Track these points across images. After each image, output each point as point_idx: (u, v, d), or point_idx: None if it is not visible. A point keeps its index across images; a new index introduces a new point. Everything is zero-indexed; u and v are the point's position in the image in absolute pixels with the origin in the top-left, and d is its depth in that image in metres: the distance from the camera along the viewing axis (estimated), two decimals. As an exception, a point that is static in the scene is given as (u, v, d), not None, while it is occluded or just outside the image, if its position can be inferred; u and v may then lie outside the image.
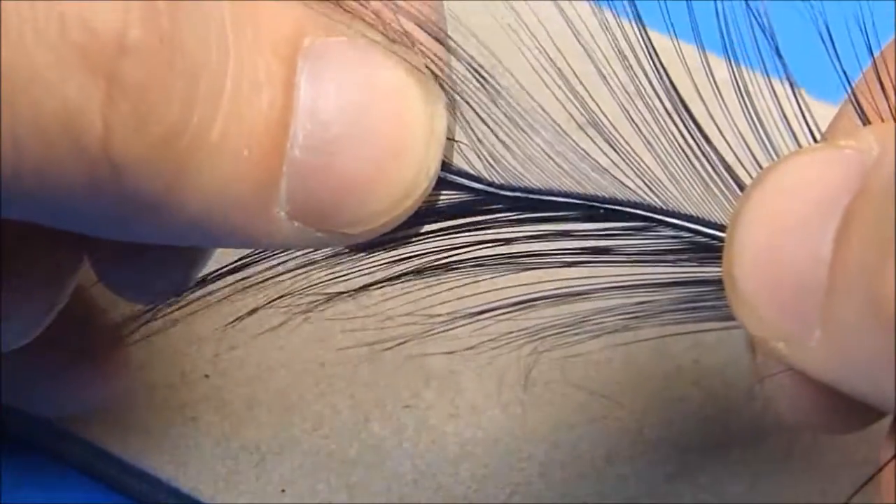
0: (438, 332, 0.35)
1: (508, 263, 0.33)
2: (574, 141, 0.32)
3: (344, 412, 0.41)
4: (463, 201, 0.32)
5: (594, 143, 0.32)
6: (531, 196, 0.32)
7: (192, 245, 0.32)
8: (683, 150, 0.32)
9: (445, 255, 0.33)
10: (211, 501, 0.40)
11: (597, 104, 0.32)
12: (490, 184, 0.32)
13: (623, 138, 0.32)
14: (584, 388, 0.41)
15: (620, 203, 0.32)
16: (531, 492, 0.40)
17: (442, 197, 0.32)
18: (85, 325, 0.38)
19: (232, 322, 0.36)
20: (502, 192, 0.32)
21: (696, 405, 0.41)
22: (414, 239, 0.33)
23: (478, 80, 0.31)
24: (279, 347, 0.42)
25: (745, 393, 0.41)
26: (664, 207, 0.32)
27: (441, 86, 0.31)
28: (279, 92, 0.28)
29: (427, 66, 0.30)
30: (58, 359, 0.38)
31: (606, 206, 0.32)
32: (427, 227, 0.33)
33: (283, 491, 0.40)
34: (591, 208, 0.32)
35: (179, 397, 0.41)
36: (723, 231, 0.31)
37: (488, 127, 0.32)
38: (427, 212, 0.32)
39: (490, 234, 0.32)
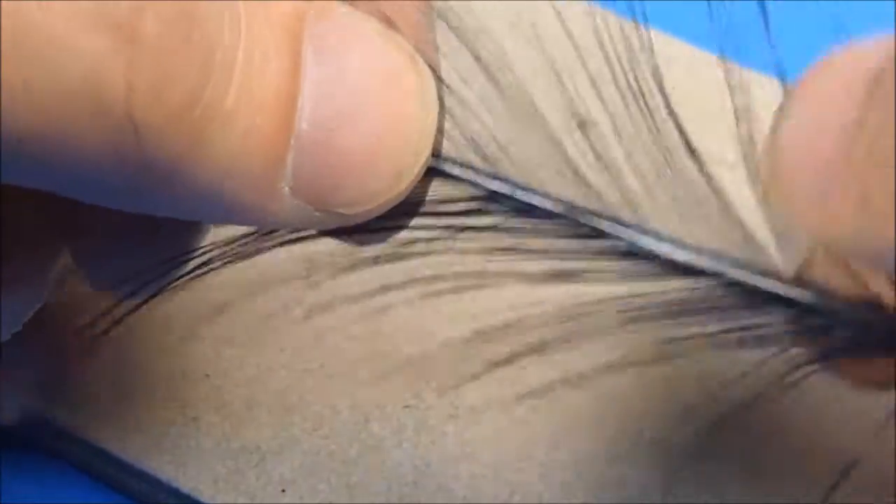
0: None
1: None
2: (563, 145, 0.32)
3: (344, 412, 0.41)
4: (453, 196, 0.32)
5: (580, 149, 0.32)
6: (519, 186, 0.32)
7: (197, 220, 0.33)
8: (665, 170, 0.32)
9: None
10: (211, 501, 0.40)
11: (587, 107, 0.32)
12: (479, 171, 0.32)
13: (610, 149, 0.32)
14: (584, 389, 0.41)
15: (603, 216, 0.32)
16: (531, 492, 0.40)
17: (432, 184, 0.32)
18: None
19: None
20: (491, 181, 0.32)
21: (696, 405, 0.41)
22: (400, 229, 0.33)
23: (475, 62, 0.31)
24: (279, 348, 0.42)
25: (744, 393, 0.41)
26: (644, 227, 0.32)
27: (431, 70, 0.31)
28: (287, 63, 0.29)
29: (420, 51, 0.30)
30: None
31: (592, 213, 0.32)
32: (416, 221, 0.33)
33: (283, 491, 0.40)
34: (574, 219, 0.32)
35: (180, 397, 0.41)
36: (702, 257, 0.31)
37: (480, 120, 0.32)
38: (416, 199, 0.32)
39: (476, 237, 0.32)
